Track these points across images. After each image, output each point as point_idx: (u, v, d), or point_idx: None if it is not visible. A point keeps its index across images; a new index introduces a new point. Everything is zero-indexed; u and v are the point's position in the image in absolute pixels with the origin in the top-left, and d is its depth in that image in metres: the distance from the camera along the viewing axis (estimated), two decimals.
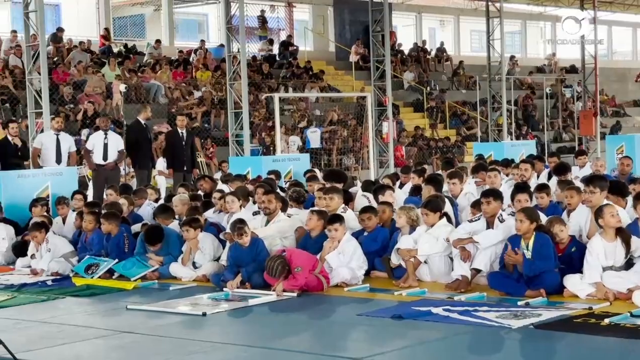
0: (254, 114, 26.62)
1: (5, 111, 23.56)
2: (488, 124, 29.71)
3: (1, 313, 8.90)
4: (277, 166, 17.28)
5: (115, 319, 8.76)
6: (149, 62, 29.58)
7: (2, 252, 12.58)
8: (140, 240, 11.22)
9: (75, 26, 31.01)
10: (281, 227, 10.94)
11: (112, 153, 16.67)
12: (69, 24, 30.72)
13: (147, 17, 35.76)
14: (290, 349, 7.27)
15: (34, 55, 20.36)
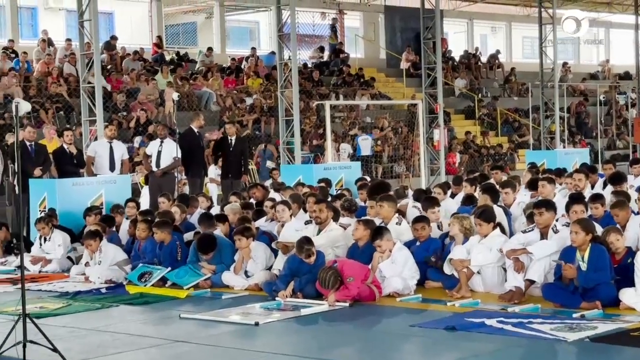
0: (305, 121, 26.66)
1: (59, 119, 23.85)
2: (540, 132, 29.44)
3: (56, 321, 8.97)
4: (328, 174, 17.27)
5: (169, 327, 8.80)
6: (201, 69, 29.79)
7: (58, 259, 12.71)
8: (192, 248, 11.28)
9: (128, 34, 31.32)
10: (333, 236, 10.92)
11: (165, 161, 16.78)
12: (122, 32, 31.04)
13: (199, 25, 36.00)
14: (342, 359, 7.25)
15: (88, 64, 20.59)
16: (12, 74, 24.70)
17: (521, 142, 32.06)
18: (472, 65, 36.71)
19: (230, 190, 16.92)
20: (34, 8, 31.46)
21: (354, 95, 30.68)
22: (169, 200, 13.91)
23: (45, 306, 9.84)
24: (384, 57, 36.40)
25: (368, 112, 30.42)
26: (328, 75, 32.13)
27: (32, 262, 12.72)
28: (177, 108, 21.25)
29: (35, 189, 14.28)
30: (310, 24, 34.92)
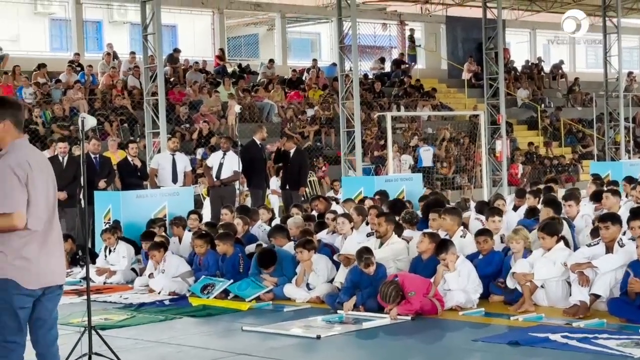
0: (366, 132, 26.67)
1: (124, 131, 24.16)
2: (605, 142, 29.06)
3: (121, 332, 9.07)
4: (390, 186, 17.21)
5: (231, 340, 8.85)
6: (262, 81, 29.96)
7: (122, 271, 12.85)
8: (254, 260, 11.33)
9: (191, 47, 31.66)
10: (395, 249, 10.89)
11: (226, 172, 16.90)
12: (185, 44, 31.38)
13: (260, 37, 36.26)
14: None
15: (152, 76, 20.85)
16: (77, 87, 25.10)
17: (585, 153, 31.69)
18: (534, 76, 36.42)
19: (291, 202, 16.99)
20: (99, 22, 31.97)
21: (415, 106, 30.61)
22: (231, 212, 13.99)
23: (110, 318, 9.95)
24: (446, 68, 36.28)
25: (429, 123, 30.33)
26: (389, 87, 32.10)
27: (97, 273, 12.87)
28: (239, 120, 21.41)
29: (100, 201, 14.46)
30: (371, 35, 34.96)
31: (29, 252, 5.65)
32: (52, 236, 5.81)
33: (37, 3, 29.86)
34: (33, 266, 5.67)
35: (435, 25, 36.49)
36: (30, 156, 5.78)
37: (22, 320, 5.68)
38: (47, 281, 5.75)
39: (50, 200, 5.84)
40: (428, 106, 30.76)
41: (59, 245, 5.91)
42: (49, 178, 5.88)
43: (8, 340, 5.66)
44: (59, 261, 5.89)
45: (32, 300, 5.71)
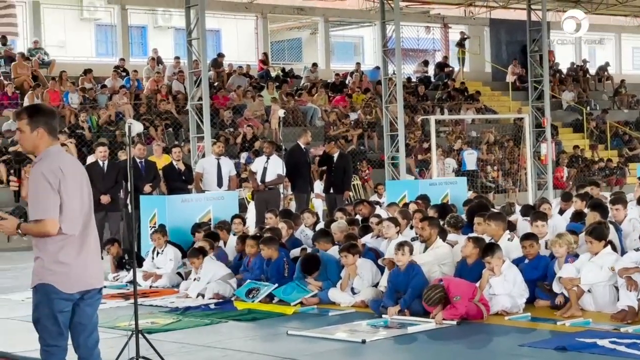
0: (410, 136, 26.60)
1: (168, 136, 24.33)
2: None
3: (167, 336, 9.12)
4: (434, 190, 17.13)
5: (277, 344, 8.86)
6: (306, 85, 30.01)
7: (168, 274, 12.93)
8: (299, 265, 11.35)
9: (235, 51, 31.80)
10: (439, 253, 10.84)
11: (270, 176, 16.97)
12: (229, 49, 31.54)
13: (303, 41, 36.33)
14: None
15: (196, 81, 21.00)
16: (123, 92, 25.32)
17: (632, 156, 31.34)
18: (580, 78, 36.11)
19: (335, 206, 17.00)
20: (143, 27, 32.23)
21: (459, 110, 30.49)
22: (276, 216, 14.01)
23: (156, 321, 10.02)
24: (490, 71, 36.10)
25: (473, 126, 30.19)
26: (433, 90, 32.01)
27: (144, 277, 12.97)
28: (283, 124, 21.47)
29: (145, 205, 14.56)
30: (414, 38, 34.87)
31: (65, 256, 5.73)
32: (89, 240, 5.87)
33: (83, 9, 30.17)
34: (70, 270, 5.75)
35: (478, 27, 36.33)
36: (63, 162, 5.85)
37: (62, 324, 5.76)
38: (85, 285, 5.83)
39: (85, 205, 5.90)
40: (472, 109, 30.61)
41: (96, 249, 5.98)
42: (83, 183, 5.95)
43: (50, 344, 5.75)
44: (97, 265, 5.96)
45: (71, 304, 5.78)
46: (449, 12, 36.06)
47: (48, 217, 5.66)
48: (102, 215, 15.31)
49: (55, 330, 5.74)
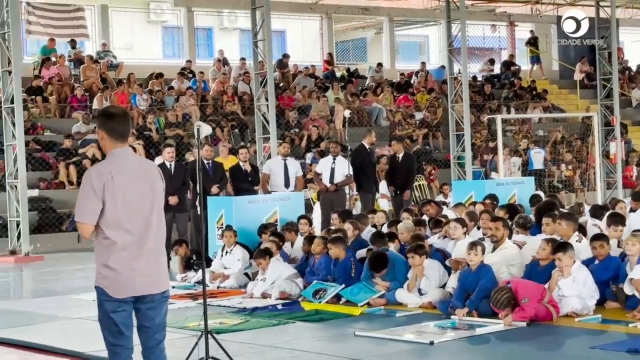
0: (475, 135, 26.43)
1: (234, 137, 24.49)
2: None
3: (235, 337, 9.16)
4: (501, 190, 16.97)
5: (344, 345, 8.86)
6: (371, 85, 29.98)
7: (235, 275, 13.00)
8: (366, 264, 11.34)
9: (300, 52, 31.90)
10: (508, 254, 10.73)
11: (338, 177, 17.02)
12: (294, 50, 31.64)
13: (368, 41, 36.31)
14: None
15: (262, 82, 21.12)
16: (189, 94, 25.55)
17: None
18: None
19: (401, 206, 16.95)
20: (209, 29, 32.50)
21: (526, 109, 30.19)
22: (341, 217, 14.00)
23: (225, 322, 10.08)
24: (557, 69, 35.68)
25: (540, 125, 29.88)
26: (499, 89, 31.75)
27: (212, 278, 13.05)
28: (348, 124, 21.48)
29: (212, 206, 14.67)
30: (480, 37, 34.61)
31: (115, 262, 5.75)
32: (147, 245, 5.83)
33: (150, 12, 30.55)
34: (119, 276, 5.75)
35: (545, 25, 35.92)
36: (120, 166, 5.84)
37: (120, 324, 5.78)
38: (136, 291, 5.81)
39: (143, 209, 5.86)
40: (539, 108, 30.30)
41: (157, 254, 5.92)
42: (144, 187, 5.90)
43: (112, 343, 5.83)
44: (155, 270, 5.89)
45: (126, 305, 5.80)
46: (515, 9, 35.72)
47: (82, 220, 5.75)
48: (170, 216, 15.46)
49: (115, 330, 5.79)
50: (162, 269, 5.98)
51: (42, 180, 21.68)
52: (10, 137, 18.77)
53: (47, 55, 26.22)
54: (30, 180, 20.11)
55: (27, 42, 28.24)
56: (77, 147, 22.49)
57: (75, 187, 21.63)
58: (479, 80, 32.04)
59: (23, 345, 9.56)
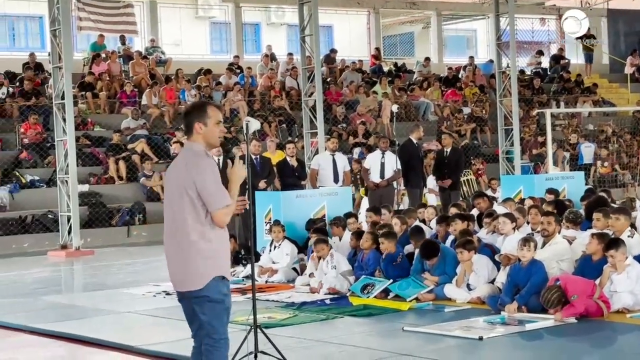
0: (524, 129, 26.23)
1: (282, 132, 24.53)
2: None
3: (284, 331, 9.18)
4: (550, 185, 16.78)
5: (393, 340, 8.83)
6: (418, 79, 29.87)
7: (284, 269, 13.02)
8: (416, 259, 11.29)
9: (347, 47, 31.87)
10: (558, 249, 10.63)
11: (388, 172, 17.00)
12: (341, 44, 31.62)
13: (416, 35, 36.17)
14: None
15: (309, 77, 21.13)
16: (237, 89, 25.64)
17: None
18: None
19: (449, 201, 16.86)
20: (257, 24, 32.61)
21: (575, 103, 29.89)
22: (390, 212, 13.98)
23: (273, 316, 10.10)
24: (607, 62, 35.27)
25: (590, 119, 29.57)
26: (548, 83, 31.47)
27: (260, 272, 13.08)
28: (395, 119, 21.42)
29: (260, 201, 14.71)
30: (529, 31, 34.33)
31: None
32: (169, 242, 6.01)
33: (198, 7, 30.72)
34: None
35: (596, 18, 35.51)
36: (174, 162, 6.22)
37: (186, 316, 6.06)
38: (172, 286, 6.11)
39: (171, 208, 5.99)
40: (589, 102, 29.98)
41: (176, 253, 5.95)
42: (172, 185, 6.03)
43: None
44: (173, 268, 5.98)
45: (181, 299, 6.04)
46: (565, 2, 35.35)
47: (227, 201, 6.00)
48: None
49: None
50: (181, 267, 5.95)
51: (92, 175, 21.89)
52: (61, 133, 18.98)
53: (97, 52, 26.48)
54: (80, 175, 20.32)
55: (77, 39, 28.53)
56: (126, 142, 22.68)
57: (125, 182, 21.83)
58: (528, 74, 31.78)
59: (74, 338, 9.68)
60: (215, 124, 5.99)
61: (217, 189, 5.83)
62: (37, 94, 23.55)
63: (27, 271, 16.20)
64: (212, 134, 5.98)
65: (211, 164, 5.92)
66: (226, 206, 5.83)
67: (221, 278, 5.89)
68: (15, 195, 20.68)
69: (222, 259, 5.94)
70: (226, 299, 5.92)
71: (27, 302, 12.33)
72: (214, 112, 6.02)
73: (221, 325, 5.91)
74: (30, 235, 19.84)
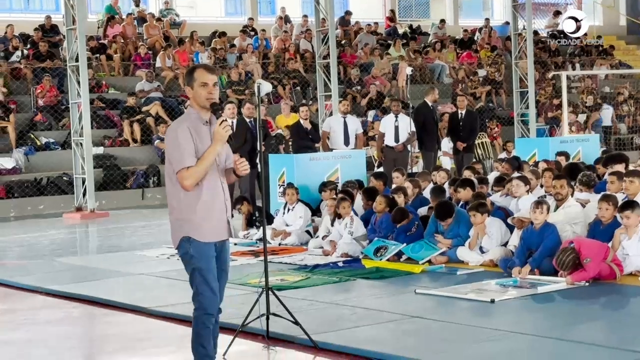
0: (540, 92, 26.10)
1: (296, 94, 24.49)
2: None
3: (296, 293, 9.22)
4: (565, 147, 16.77)
5: (405, 303, 8.85)
6: (434, 42, 29.71)
7: (297, 232, 13.05)
8: (431, 220, 11.29)
9: (362, 9, 31.68)
10: (571, 213, 10.60)
11: (403, 135, 16.96)
12: (356, 6, 31.43)
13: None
14: (583, 340, 7.03)
15: (324, 39, 21.05)
16: (251, 51, 25.57)
17: None
18: None
19: (462, 164, 16.84)
20: None
21: (592, 65, 29.67)
22: (403, 175, 13.97)
23: (286, 279, 10.14)
24: (624, 24, 34.95)
25: (607, 82, 29.37)
26: (564, 45, 31.22)
27: (273, 235, 13.13)
28: (410, 81, 21.34)
29: (274, 164, 14.72)
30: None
31: None
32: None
33: None
34: None
35: None
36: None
37: None
38: None
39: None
40: (606, 65, 29.76)
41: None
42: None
43: None
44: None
45: None
46: None
47: None
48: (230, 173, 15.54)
49: None
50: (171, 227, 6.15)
51: (107, 137, 21.94)
52: (75, 95, 19.00)
53: (111, 14, 26.42)
54: (95, 137, 20.38)
55: (92, 1, 28.46)
56: (140, 105, 22.68)
57: (140, 144, 21.87)
58: (544, 36, 31.54)
59: (89, 299, 9.75)
60: (200, 86, 6.00)
61: (178, 152, 5.89)
62: (51, 56, 23.56)
63: (42, 233, 16.31)
64: (198, 96, 6.01)
65: (181, 129, 5.93)
66: (186, 168, 5.85)
67: (187, 239, 5.96)
68: (31, 157, 20.77)
69: (191, 221, 5.97)
70: (193, 260, 5.98)
71: (42, 264, 12.43)
72: (199, 74, 6.03)
73: (194, 284, 6.02)
74: (45, 197, 19.96)
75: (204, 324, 5.99)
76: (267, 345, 7.31)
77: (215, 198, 6.04)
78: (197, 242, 5.96)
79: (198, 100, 6.03)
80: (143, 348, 7.65)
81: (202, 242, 5.97)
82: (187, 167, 5.87)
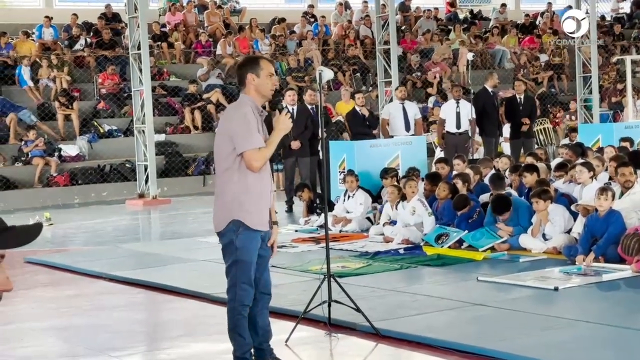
0: (603, 77, 25.72)
1: (356, 81, 24.44)
2: None
3: (358, 280, 9.20)
4: (630, 133, 16.51)
5: (467, 290, 8.79)
6: (495, 27, 29.42)
7: (358, 219, 13.04)
8: (489, 210, 11.21)
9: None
10: (636, 200, 10.44)
11: (464, 121, 16.84)
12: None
13: None
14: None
15: (384, 25, 20.98)
16: (311, 38, 25.57)
17: None
18: None
19: (520, 150, 16.67)
20: None
21: None
22: (464, 161, 13.86)
23: (347, 265, 10.13)
24: None
25: None
26: (629, 29, 30.73)
27: (334, 222, 13.13)
28: (471, 67, 21.17)
29: (335, 150, 14.72)
30: None
31: None
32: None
33: None
34: None
35: None
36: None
37: None
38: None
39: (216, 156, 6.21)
40: None
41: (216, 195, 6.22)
42: (217, 135, 6.25)
43: None
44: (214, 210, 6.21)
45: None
46: None
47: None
48: (293, 160, 15.59)
49: None
50: (216, 211, 6.23)
51: (169, 125, 22.13)
52: (137, 83, 19.18)
53: (172, 2, 26.60)
54: (157, 125, 20.57)
55: None
56: (201, 92, 22.84)
57: (201, 131, 22.03)
58: (608, 20, 31.06)
59: (152, 285, 9.86)
60: (267, 76, 6.00)
61: (247, 131, 5.85)
62: (113, 44, 23.81)
63: (106, 219, 16.51)
64: (264, 86, 6.00)
65: (248, 113, 5.90)
66: (257, 149, 5.83)
67: (237, 223, 5.98)
68: (94, 144, 21.04)
69: (243, 205, 5.97)
70: (237, 252, 6.01)
71: (106, 250, 12.60)
72: (266, 64, 6.05)
73: (233, 276, 6.05)
74: (108, 184, 20.21)
75: (241, 314, 6.01)
76: (328, 332, 7.32)
77: (265, 188, 6.06)
78: (246, 229, 5.97)
79: (262, 89, 6.03)
80: (208, 334, 7.70)
81: (250, 230, 5.97)
82: (259, 148, 5.88)
